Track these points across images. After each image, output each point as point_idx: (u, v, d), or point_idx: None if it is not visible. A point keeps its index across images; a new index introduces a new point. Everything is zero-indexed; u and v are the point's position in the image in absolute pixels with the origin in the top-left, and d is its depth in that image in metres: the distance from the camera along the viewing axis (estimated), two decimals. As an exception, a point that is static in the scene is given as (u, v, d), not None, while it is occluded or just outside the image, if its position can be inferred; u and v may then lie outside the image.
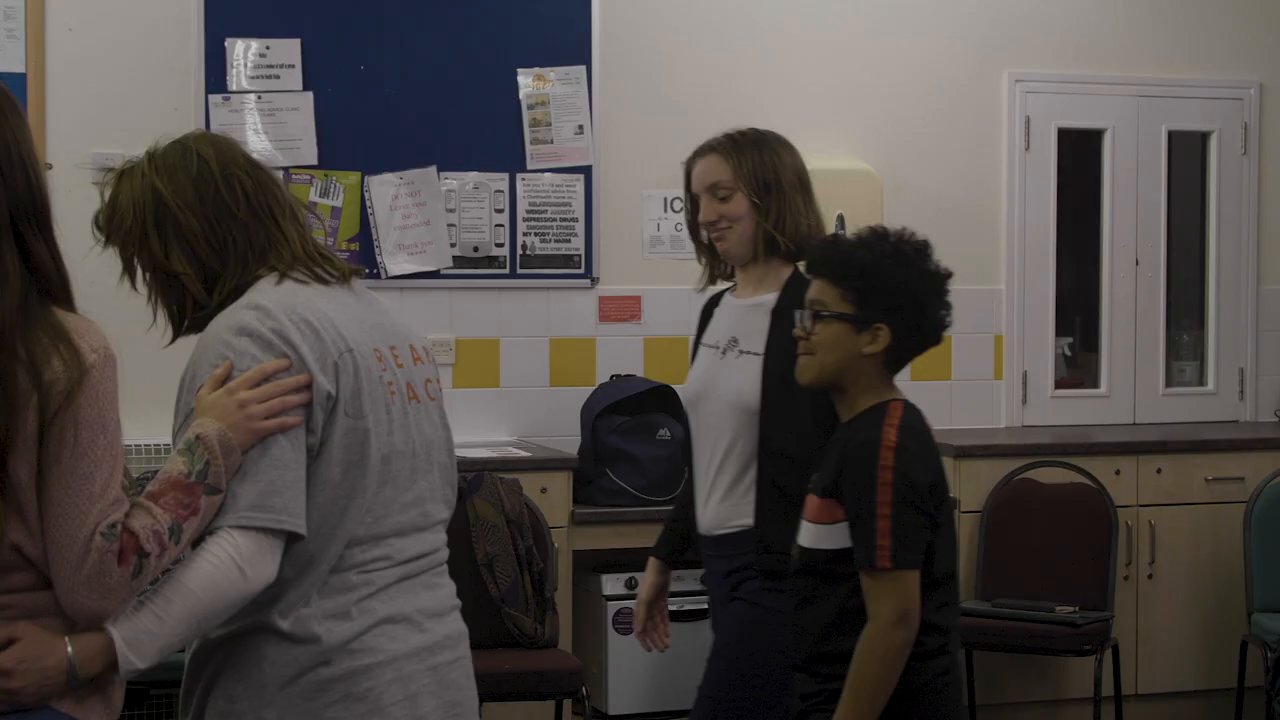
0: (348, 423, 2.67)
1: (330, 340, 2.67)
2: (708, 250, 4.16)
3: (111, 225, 2.77)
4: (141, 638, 2.49)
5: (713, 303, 4.21)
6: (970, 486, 6.29)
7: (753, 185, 4.08)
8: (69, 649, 2.45)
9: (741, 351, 4.01)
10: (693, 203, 4.18)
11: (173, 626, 2.51)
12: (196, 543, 2.57)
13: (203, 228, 2.72)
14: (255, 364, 2.61)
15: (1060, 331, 7.09)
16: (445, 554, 2.87)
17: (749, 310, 4.04)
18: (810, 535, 3.34)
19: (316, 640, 2.65)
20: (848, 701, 3.22)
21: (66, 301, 2.55)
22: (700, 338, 4.19)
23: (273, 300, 2.68)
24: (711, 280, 4.21)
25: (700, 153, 4.21)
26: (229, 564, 2.53)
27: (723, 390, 4.01)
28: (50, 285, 2.52)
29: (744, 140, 4.19)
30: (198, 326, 2.74)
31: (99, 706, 2.56)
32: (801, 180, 4.15)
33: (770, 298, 4.01)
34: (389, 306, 2.90)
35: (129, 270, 2.79)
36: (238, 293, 2.72)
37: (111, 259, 2.80)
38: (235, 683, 2.68)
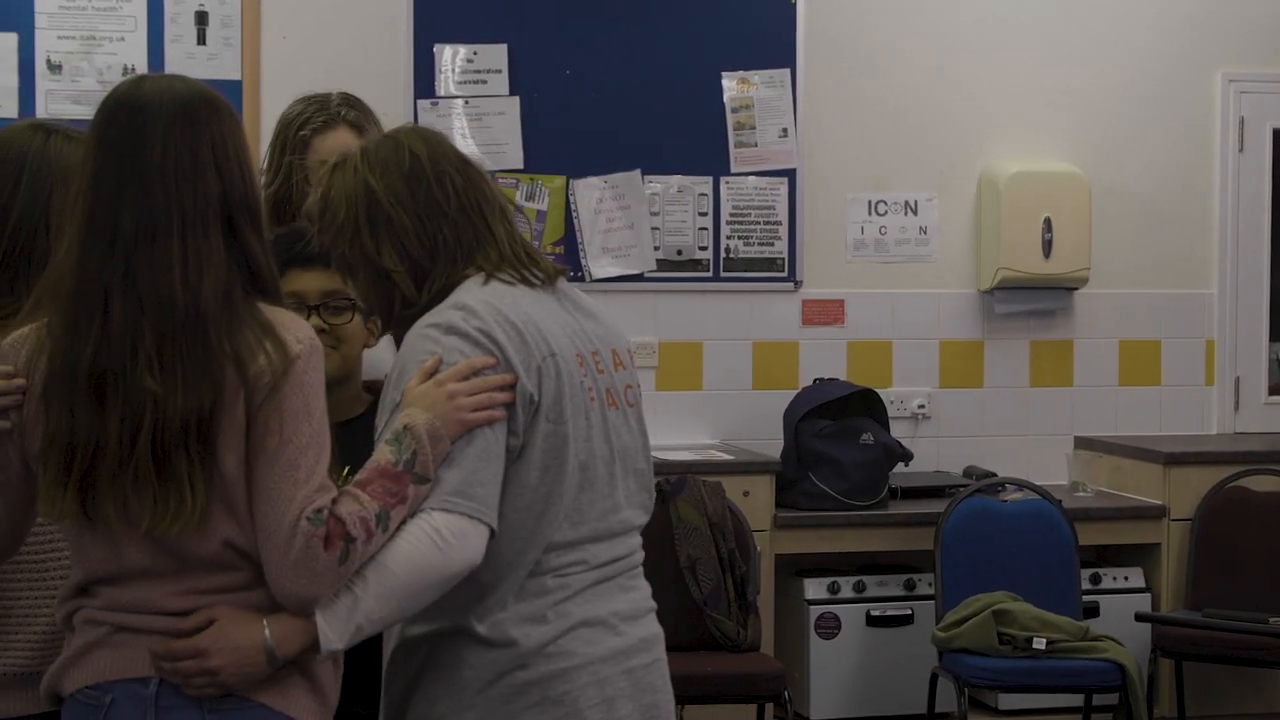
0: (548, 427, 2.66)
1: (534, 344, 2.67)
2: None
3: (324, 219, 2.80)
4: (340, 615, 2.50)
5: None
6: (1181, 494, 6.17)
7: None
8: (265, 629, 2.49)
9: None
10: (305, 176, 3.76)
11: (371, 605, 2.51)
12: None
13: (414, 224, 2.74)
14: (464, 359, 2.62)
15: (1275, 336, 6.92)
16: (641, 557, 2.86)
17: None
18: None
19: (513, 644, 2.65)
20: None
21: (274, 296, 2.60)
22: None
23: (479, 301, 2.68)
24: None
25: (329, 124, 3.80)
26: (427, 543, 2.53)
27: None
28: (260, 281, 2.58)
29: (365, 109, 3.89)
30: (404, 325, 2.75)
31: (313, 705, 2.60)
32: None
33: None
34: (597, 308, 2.88)
35: (340, 265, 2.82)
36: (445, 291, 2.72)
37: None
38: (436, 685, 2.69)
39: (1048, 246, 6.45)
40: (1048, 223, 6.43)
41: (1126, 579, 6.18)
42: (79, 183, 2.58)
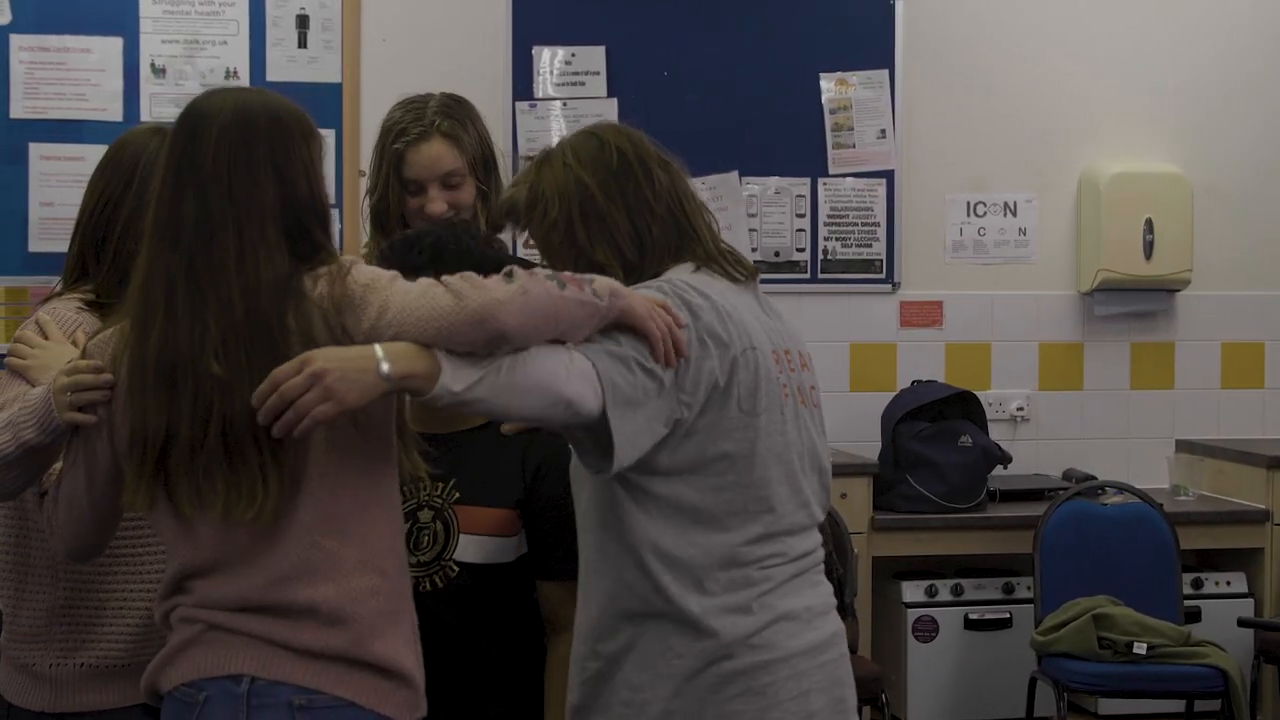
0: (741, 419, 2.70)
1: (736, 334, 2.72)
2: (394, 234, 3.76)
3: (533, 213, 2.85)
4: (466, 366, 2.50)
5: None
6: (1285, 498, 6.11)
7: (477, 168, 3.78)
8: (375, 347, 2.49)
9: None
10: (401, 187, 3.75)
11: (495, 378, 2.50)
12: None
13: (625, 221, 2.81)
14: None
15: (1381, 338, 6.84)
16: (823, 553, 2.92)
17: None
18: (487, 550, 3.11)
19: (718, 634, 2.70)
20: None
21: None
22: None
23: (685, 281, 2.75)
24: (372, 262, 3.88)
25: (423, 136, 3.73)
26: (561, 360, 2.54)
27: None
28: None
29: (464, 114, 3.82)
30: None
31: (405, 700, 2.63)
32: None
33: None
34: (781, 311, 2.96)
35: (550, 259, 2.86)
36: None
37: None
38: (640, 671, 2.73)
39: (1149, 248, 6.40)
40: (1149, 224, 6.38)
41: (1229, 584, 6.11)
42: (153, 187, 2.69)
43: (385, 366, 2.46)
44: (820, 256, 6.36)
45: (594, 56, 6.19)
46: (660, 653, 2.72)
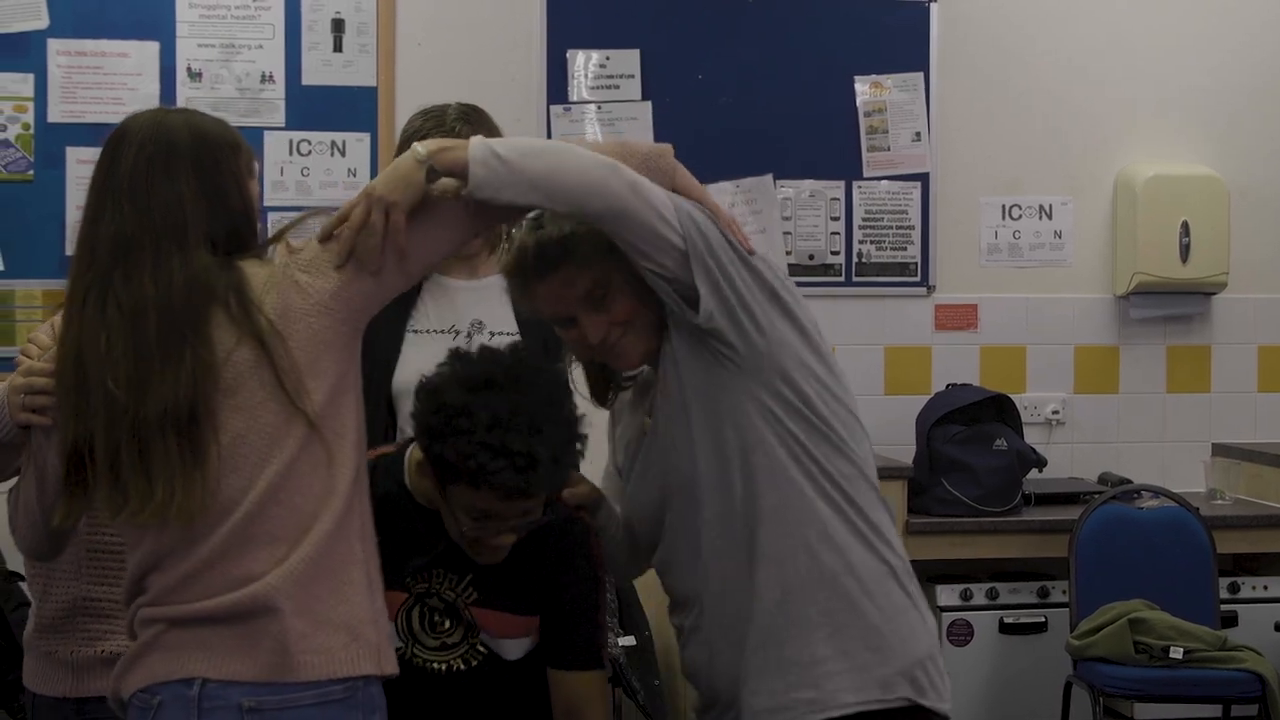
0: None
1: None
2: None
3: None
4: (500, 139, 2.71)
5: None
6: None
7: None
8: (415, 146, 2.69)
9: (493, 334, 3.79)
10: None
11: (536, 159, 2.67)
12: None
13: None
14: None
15: None
16: None
17: (483, 293, 3.84)
18: (507, 649, 3.15)
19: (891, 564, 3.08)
20: None
21: None
22: (401, 323, 3.83)
23: None
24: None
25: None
26: (623, 181, 2.73)
27: None
28: None
29: (482, 122, 3.81)
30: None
31: (359, 655, 2.66)
32: None
33: (498, 279, 3.61)
34: None
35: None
36: None
37: None
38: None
39: (1185, 251, 6.37)
40: (1185, 226, 6.36)
41: (1266, 588, 6.08)
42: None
43: (420, 150, 2.65)
44: (855, 260, 6.36)
45: (629, 60, 6.19)
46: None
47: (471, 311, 3.86)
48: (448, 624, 3.06)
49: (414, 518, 3.01)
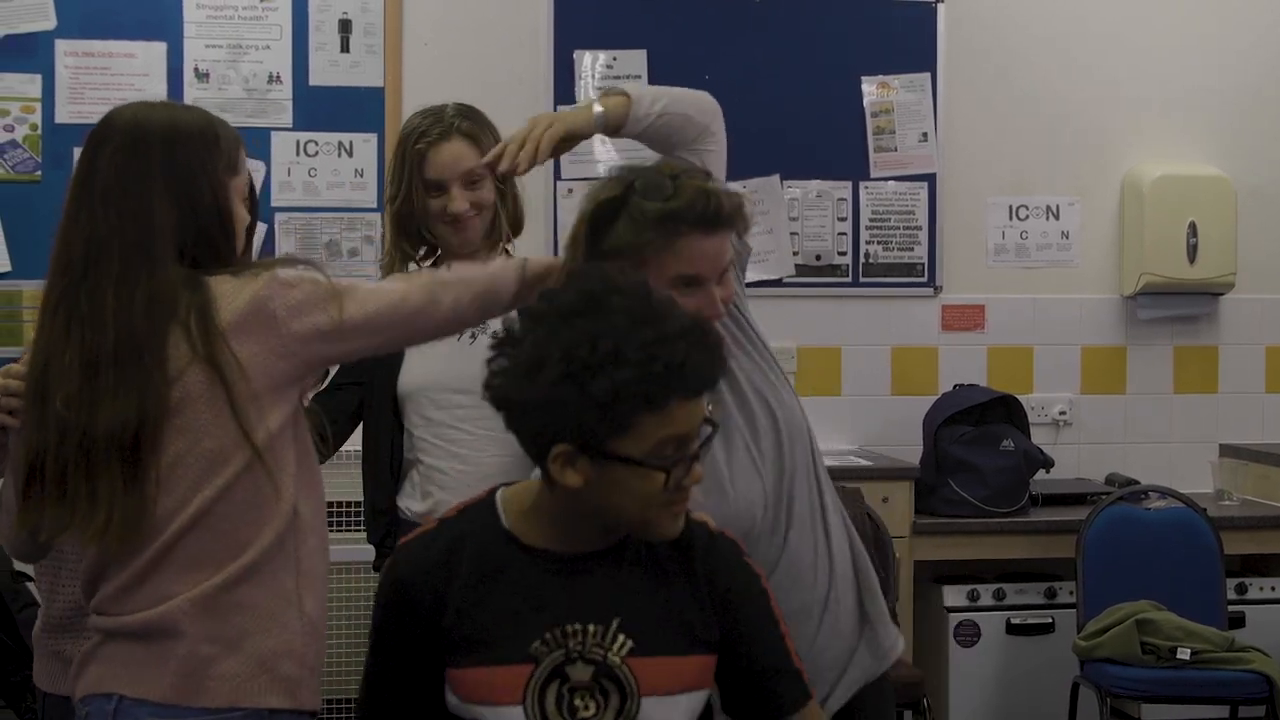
0: None
1: None
2: (415, 238, 3.85)
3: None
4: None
5: None
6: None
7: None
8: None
9: (496, 333, 3.80)
10: (423, 188, 3.78)
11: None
12: None
13: None
14: None
15: None
16: None
17: None
18: (682, 712, 2.49)
19: None
20: None
21: None
22: None
23: None
24: (394, 270, 3.84)
25: (443, 136, 3.78)
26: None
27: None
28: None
29: (481, 120, 3.89)
30: None
31: (281, 696, 2.64)
32: None
33: None
34: None
35: None
36: None
37: None
38: None
39: (1193, 251, 6.37)
40: (1193, 227, 6.35)
41: (1273, 589, 6.08)
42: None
43: (599, 108, 3.12)
44: (862, 260, 6.35)
45: (635, 60, 6.20)
46: None
47: None
48: (592, 707, 2.41)
49: (526, 568, 2.45)
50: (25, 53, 5.81)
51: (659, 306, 2.36)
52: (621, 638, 2.42)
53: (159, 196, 2.63)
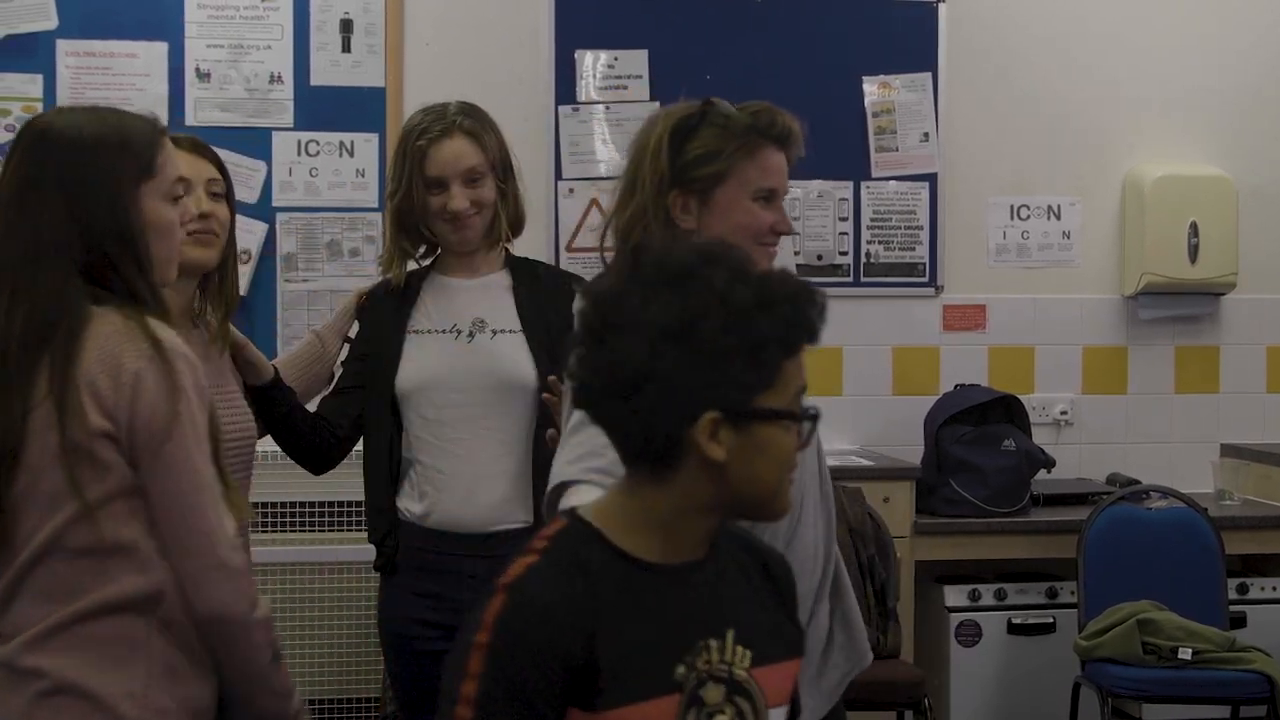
0: None
1: None
2: (414, 235, 3.90)
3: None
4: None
5: (399, 289, 3.91)
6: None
7: (497, 168, 3.86)
8: None
9: (495, 331, 3.82)
10: (424, 185, 3.82)
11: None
12: None
13: None
14: None
15: None
16: None
17: (483, 291, 3.86)
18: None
19: None
20: None
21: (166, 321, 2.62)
22: (402, 324, 3.87)
23: None
24: (392, 267, 3.91)
25: (445, 133, 3.82)
26: None
27: (485, 371, 3.79)
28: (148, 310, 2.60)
29: (483, 118, 3.90)
30: None
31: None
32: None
33: (499, 276, 3.87)
34: None
35: None
36: None
37: None
38: None
39: (1194, 251, 6.37)
40: (1194, 227, 6.35)
41: (1275, 589, 6.08)
42: None
43: None
44: (863, 260, 6.35)
45: (636, 60, 6.19)
46: None
47: (472, 310, 3.87)
48: None
49: (649, 586, 2.15)
50: (26, 53, 5.81)
51: (751, 261, 2.23)
52: (740, 649, 2.19)
53: (53, 210, 2.54)
